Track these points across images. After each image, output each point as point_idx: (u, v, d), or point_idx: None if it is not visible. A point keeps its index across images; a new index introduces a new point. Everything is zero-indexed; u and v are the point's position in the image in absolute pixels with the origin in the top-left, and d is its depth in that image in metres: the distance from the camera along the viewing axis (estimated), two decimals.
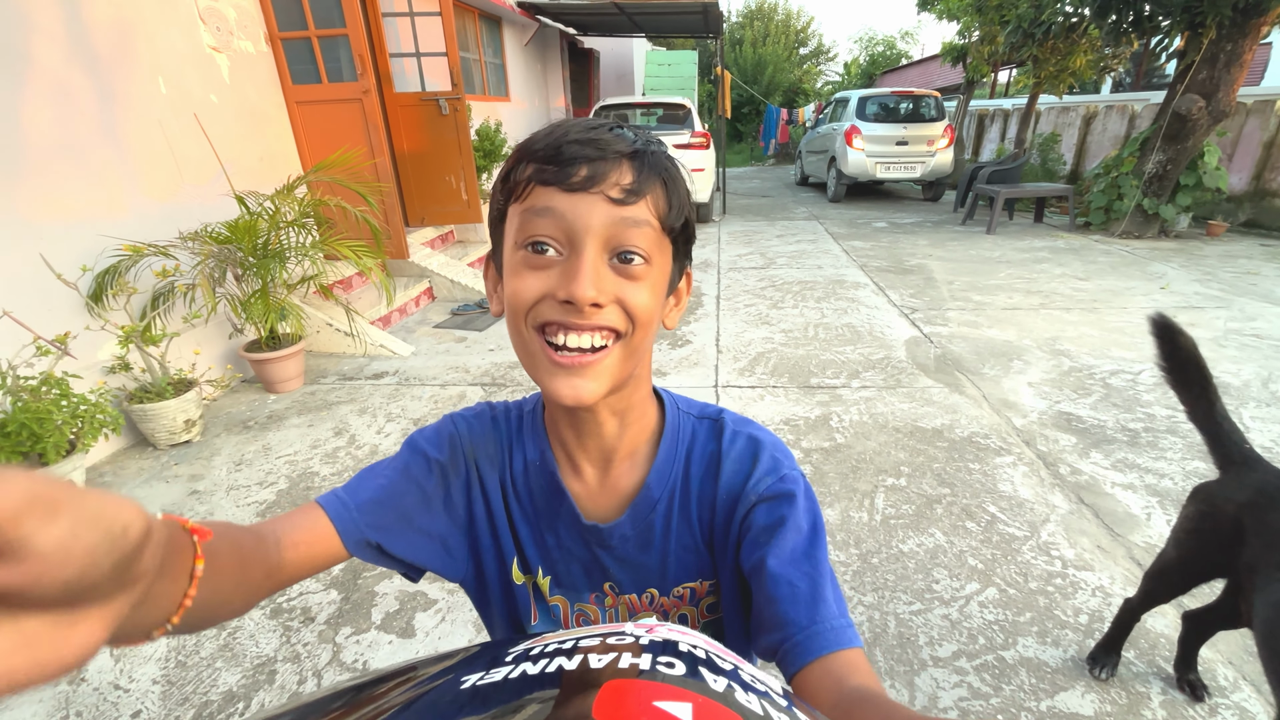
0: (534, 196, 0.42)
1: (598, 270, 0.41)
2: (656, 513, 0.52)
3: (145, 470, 2.40)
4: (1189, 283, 4.34)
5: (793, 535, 0.47)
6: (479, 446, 0.55)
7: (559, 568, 0.55)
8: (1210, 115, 5.07)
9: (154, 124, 2.77)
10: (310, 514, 0.47)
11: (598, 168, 0.41)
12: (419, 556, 0.52)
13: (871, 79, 18.55)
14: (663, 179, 0.43)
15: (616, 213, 0.41)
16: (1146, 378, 2.89)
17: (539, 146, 0.42)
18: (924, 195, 9.09)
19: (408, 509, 0.50)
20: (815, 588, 0.45)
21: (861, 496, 2.09)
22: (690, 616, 0.56)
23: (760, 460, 0.52)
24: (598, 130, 0.42)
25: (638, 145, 0.43)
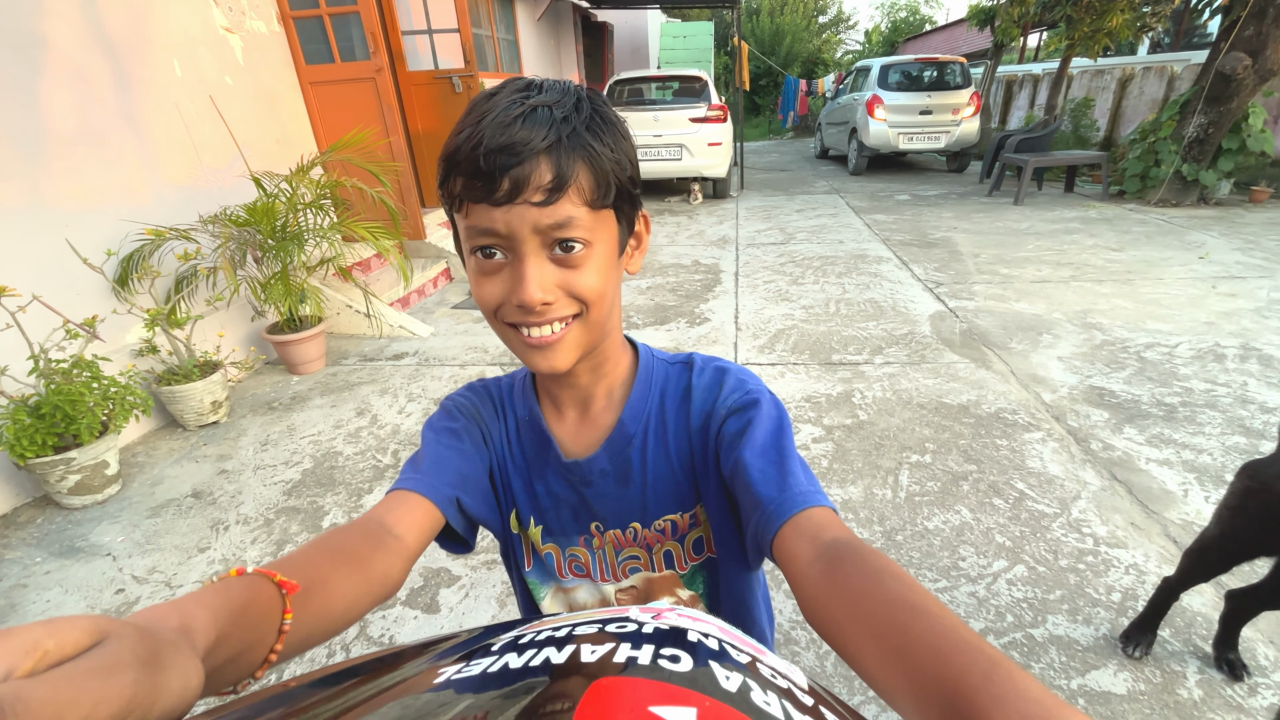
0: (469, 213, 0.44)
1: (539, 271, 0.44)
2: (633, 447, 0.57)
3: (176, 450, 2.45)
4: (1230, 251, 4.16)
5: (760, 431, 0.51)
6: (480, 409, 0.61)
7: (549, 516, 0.60)
8: (1256, 74, 4.80)
9: (170, 107, 2.78)
10: (396, 497, 0.52)
11: (517, 175, 0.41)
12: (483, 511, 0.57)
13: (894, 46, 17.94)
14: (585, 157, 0.43)
15: (543, 216, 0.43)
16: (1184, 350, 2.79)
17: (461, 158, 0.42)
18: (949, 166, 8.83)
19: (461, 466, 0.55)
20: (783, 468, 0.48)
21: (885, 473, 2.06)
22: (676, 554, 0.60)
23: (725, 383, 0.56)
24: (514, 125, 0.41)
25: (553, 134, 0.42)
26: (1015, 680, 0.25)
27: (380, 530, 0.48)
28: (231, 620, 0.32)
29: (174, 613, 0.29)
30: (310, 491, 2.14)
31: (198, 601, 0.31)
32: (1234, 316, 3.12)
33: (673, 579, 0.61)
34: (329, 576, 0.41)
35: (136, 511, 2.08)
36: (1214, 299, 3.36)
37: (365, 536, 0.46)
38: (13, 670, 0.21)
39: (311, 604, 0.39)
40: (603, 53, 10.68)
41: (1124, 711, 1.25)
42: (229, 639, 0.31)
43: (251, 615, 0.34)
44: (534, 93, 0.43)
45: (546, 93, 0.44)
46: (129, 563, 1.84)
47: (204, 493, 2.17)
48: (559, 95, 0.44)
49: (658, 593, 0.61)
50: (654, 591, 0.61)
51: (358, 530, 0.47)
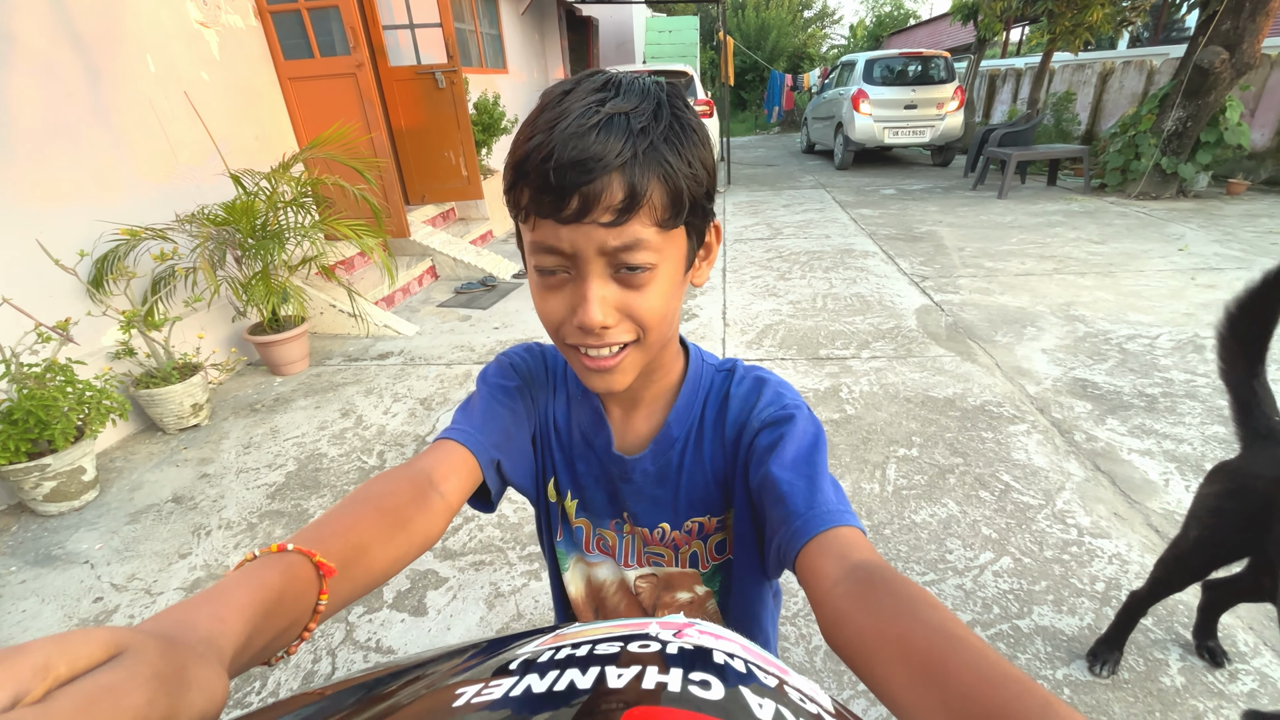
0: (535, 229, 0.42)
1: (602, 293, 0.43)
2: (674, 450, 0.57)
3: (155, 455, 2.41)
4: (1208, 244, 4.23)
5: (792, 446, 0.50)
6: (534, 374, 0.61)
7: (586, 493, 0.61)
8: (1234, 68, 4.87)
9: (145, 103, 2.72)
10: (445, 447, 0.51)
11: (588, 194, 0.39)
12: (521, 475, 0.57)
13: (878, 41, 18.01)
14: (661, 174, 0.41)
15: (612, 237, 0.41)
16: (1164, 342, 2.83)
17: (529, 168, 0.40)
18: (933, 160, 8.89)
19: (509, 427, 0.56)
20: (813, 483, 0.47)
21: (873, 468, 2.07)
22: (700, 554, 0.60)
23: (764, 394, 0.55)
24: (588, 136, 0.39)
25: (629, 148, 0.39)
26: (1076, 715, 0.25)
27: (427, 486, 0.47)
28: (265, 614, 0.31)
29: (203, 614, 0.28)
30: (294, 494, 2.11)
31: (229, 598, 0.30)
32: (1213, 308, 3.16)
33: (693, 576, 0.62)
34: (371, 542, 0.41)
35: (115, 518, 2.04)
36: (1193, 290, 3.41)
37: (412, 491, 0.46)
38: (22, 695, 0.19)
39: (351, 572, 0.38)
40: (588, 48, 10.62)
41: (1108, 700, 1.27)
42: (261, 632, 0.31)
43: (286, 602, 0.33)
44: (611, 94, 0.41)
45: (625, 95, 0.41)
46: (108, 570, 1.81)
47: (185, 497, 2.13)
48: (638, 100, 0.41)
49: (676, 585, 0.62)
50: (673, 583, 0.62)
51: (405, 483, 0.46)
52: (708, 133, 0.45)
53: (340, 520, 0.41)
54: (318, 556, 0.35)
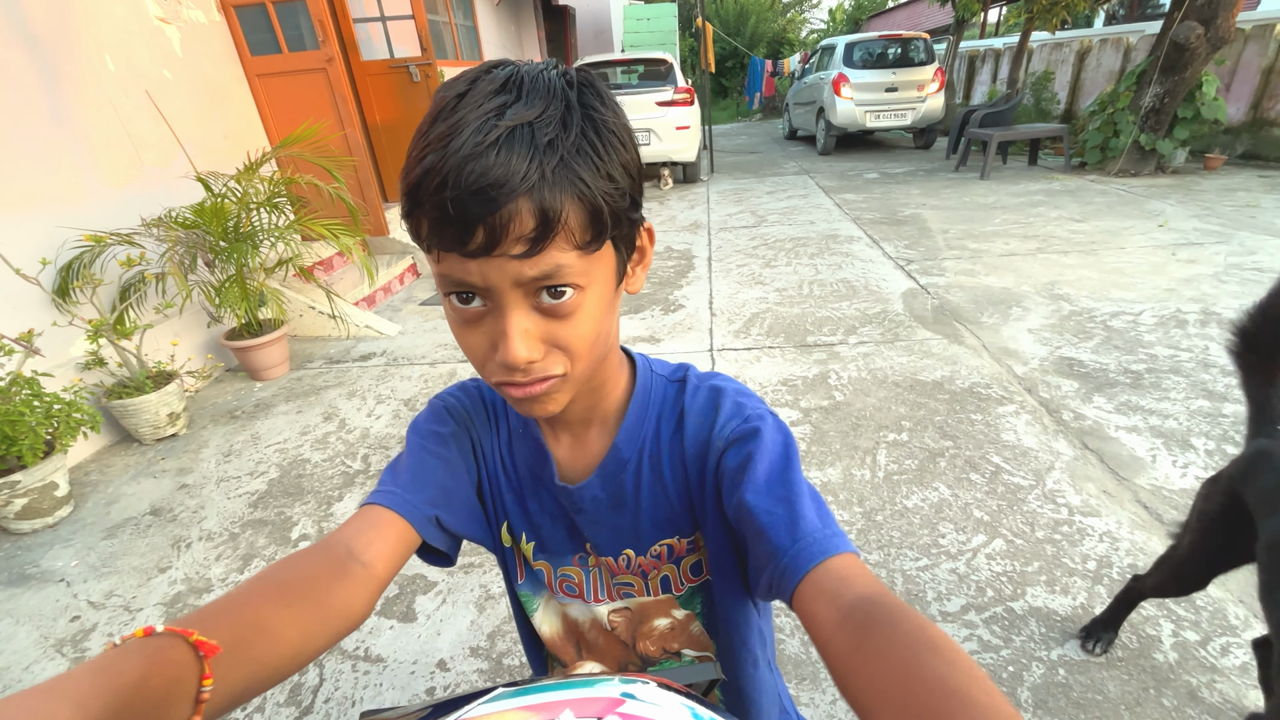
0: (441, 261, 0.38)
1: (524, 325, 0.39)
2: (627, 473, 0.53)
3: (131, 467, 2.34)
4: (1187, 219, 4.26)
5: (763, 466, 0.46)
6: (472, 415, 0.56)
7: (542, 533, 0.57)
8: (1209, 43, 4.89)
9: (105, 104, 2.62)
10: (368, 514, 0.47)
11: (494, 225, 0.35)
12: (467, 526, 0.53)
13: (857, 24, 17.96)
14: (576, 194, 0.36)
15: (527, 268, 0.37)
16: (1147, 318, 2.84)
17: (424, 195, 0.35)
18: (915, 143, 8.89)
19: (444, 480, 0.51)
20: (792, 508, 0.43)
21: (863, 454, 2.06)
22: (673, 577, 0.56)
23: (722, 408, 0.51)
24: (486, 156, 0.34)
25: (535, 168, 0.35)
26: None
27: (345, 557, 0.43)
28: (120, 706, 0.27)
29: (32, 708, 0.24)
30: (278, 502, 2.06)
31: (70, 688, 0.26)
32: (1194, 282, 3.19)
33: (668, 602, 0.58)
34: (272, 618, 0.36)
35: (91, 533, 1.98)
36: (1174, 266, 3.44)
37: (326, 565, 0.42)
38: None
39: (249, 652, 0.34)
40: (565, 37, 10.48)
41: (1103, 679, 1.27)
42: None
43: (150, 691, 0.29)
44: (511, 97, 0.36)
45: (527, 99, 0.36)
46: (84, 588, 1.75)
47: (164, 509, 2.07)
48: (542, 104, 0.36)
49: (652, 615, 0.58)
50: (648, 615, 0.58)
51: (317, 557, 0.42)
52: (628, 128, 0.41)
53: (230, 599, 0.37)
54: (195, 635, 0.31)
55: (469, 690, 0.32)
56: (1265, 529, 0.91)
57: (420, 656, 1.46)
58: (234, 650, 0.33)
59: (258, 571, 0.40)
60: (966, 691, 0.28)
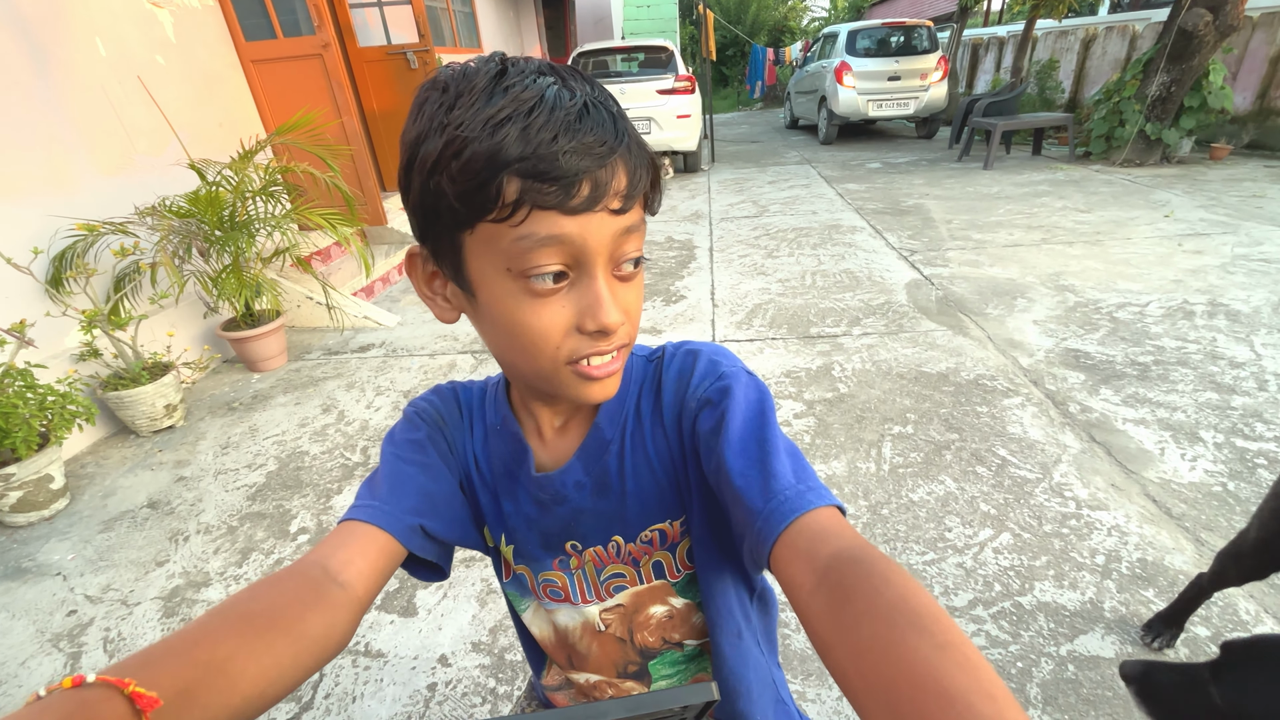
0: (531, 222, 0.36)
1: (614, 291, 0.40)
2: (610, 454, 0.51)
3: (129, 459, 2.32)
4: (1193, 209, 4.22)
5: (737, 424, 0.45)
6: (445, 417, 0.55)
7: (518, 536, 0.55)
8: (1217, 30, 4.83)
9: (96, 90, 2.57)
10: (345, 530, 0.45)
11: (598, 180, 0.36)
12: (455, 530, 0.52)
13: (860, 12, 17.77)
14: (643, 159, 0.39)
15: (620, 224, 0.38)
16: (1154, 309, 2.82)
17: (520, 155, 0.35)
18: (918, 133, 8.81)
19: (425, 485, 0.50)
20: (765, 467, 0.41)
21: (868, 446, 2.03)
22: (667, 564, 0.54)
23: (696, 368, 0.50)
24: (582, 124, 0.36)
25: (621, 133, 0.37)
26: None
27: (321, 579, 0.40)
28: None
29: None
30: (276, 495, 2.04)
31: None
32: (1201, 273, 3.16)
33: (664, 589, 0.55)
34: (232, 656, 0.33)
35: (88, 526, 1.96)
36: (1181, 257, 3.40)
37: (298, 590, 0.39)
38: None
39: (202, 697, 0.31)
40: (565, 24, 10.36)
41: (1113, 675, 1.25)
42: None
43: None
44: (555, 79, 0.37)
45: (567, 81, 0.37)
46: (81, 581, 1.73)
47: (161, 502, 2.05)
48: (585, 83, 0.38)
49: (647, 605, 0.55)
50: (643, 605, 0.55)
51: (289, 583, 0.39)
52: None
53: (182, 637, 0.33)
54: (132, 686, 0.28)
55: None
56: None
57: (421, 652, 1.45)
58: (183, 698, 0.30)
59: (218, 603, 0.37)
60: (965, 697, 0.24)
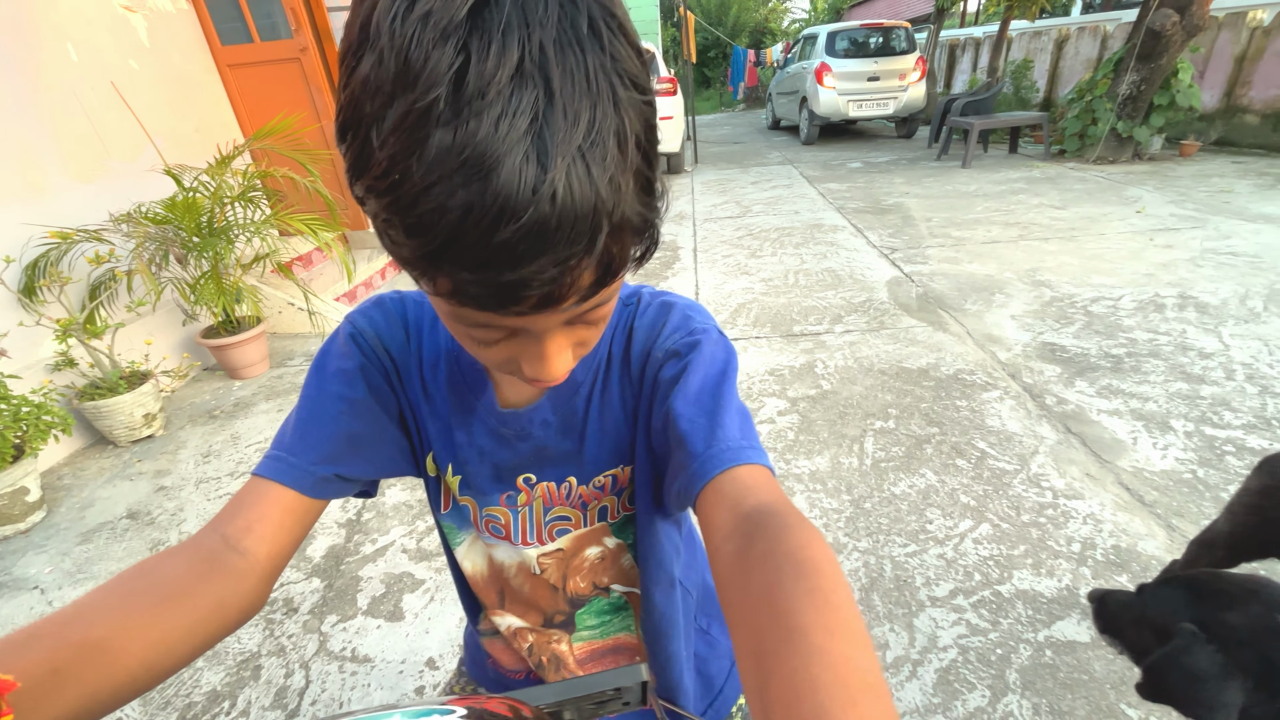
0: (465, 310, 0.31)
1: (561, 348, 0.36)
2: (580, 396, 0.50)
3: (107, 469, 2.28)
4: (1164, 205, 4.32)
5: (697, 377, 0.44)
6: (385, 336, 0.50)
7: (468, 468, 0.52)
8: (1184, 30, 4.96)
9: (68, 96, 2.53)
10: (250, 489, 0.43)
11: (551, 294, 0.29)
12: (381, 467, 0.50)
13: (839, 13, 17.96)
14: (635, 227, 0.30)
15: (579, 310, 0.33)
16: (1127, 302, 2.88)
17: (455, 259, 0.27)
18: (898, 132, 8.93)
19: (345, 429, 0.47)
20: (714, 419, 0.41)
21: (850, 442, 2.06)
22: (610, 507, 0.54)
23: (670, 320, 0.49)
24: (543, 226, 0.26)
25: (600, 225, 0.27)
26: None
27: (218, 548, 0.40)
28: None
29: None
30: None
31: None
32: (1171, 267, 3.24)
33: (602, 529, 0.55)
34: (113, 634, 0.33)
35: (65, 539, 1.93)
36: (1152, 251, 3.49)
37: (190, 562, 0.38)
38: None
39: (77, 675, 0.31)
40: None
41: (1089, 659, 1.28)
42: None
43: None
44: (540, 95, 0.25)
45: (562, 96, 0.25)
46: (59, 595, 1.71)
47: (141, 513, 2.02)
48: (588, 104, 0.26)
49: (585, 546, 0.56)
50: (581, 547, 0.56)
51: (183, 555, 0.39)
52: (643, 53, 0.31)
53: (54, 619, 0.32)
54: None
55: None
56: None
57: (409, 655, 1.44)
58: (53, 677, 0.30)
59: (103, 582, 0.36)
60: (807, 631, 0.26)
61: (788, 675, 0.25)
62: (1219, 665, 0.60)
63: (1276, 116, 5.50)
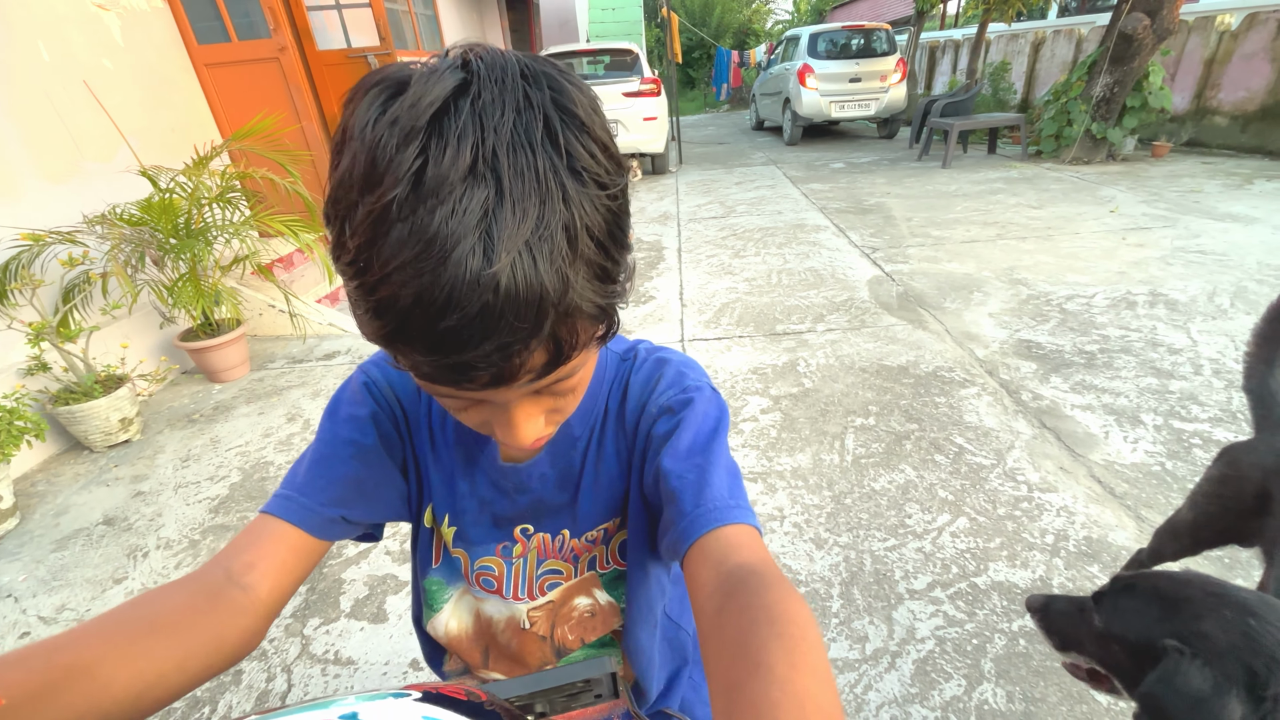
0: (428, 385, 0.34)
1: (530, 416, 0.38)
2: (576, 450, 0.52)
3: (82, 475, 2.24)
4: (1136, 204, 4.42)
5: (688, 435, 0.46)
6: (398, 386, 0.52)
7: (465, 519, 0.54)
8: (1155, 34, 5.07)
9: (40, 96, 2.49)
10: (258, 526, 0.45)
11: (502, 373, 0.31)
12: (384, 513, 0.51)
13: (822, 15, 18.11)
14: (589, 315, 0.32)
15: (536, 387, 0.35)
16: (1100, 300, 2.95)
17: (409, 340, 0.29)
18: (879, 133, 9.03)
19: (354, 473, 0.49)
20: (704, 476, 0.43)
21: (832, 439, 2.09)
22: (599, 557, 0.56)
23: (664, 377, 0.51)
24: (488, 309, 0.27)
25: (549, 308, 0.29)
26: None
27: (220, 583, 0.40)
28: None
29: None
30: (240, 506, 2.00)
31: None
32: (1142, 265, 3.32)
33: (591, 580, 0.56)
34: (101, 660, 0.33)
35: (39, 546, 1.89)
36: (1124, 250, 3.57)
37: (195, 594, 0.39)
38: None
39: (62, 698, 0.31)
40: (529, 26, 10.32)
41: None
42: None
43: None
44: (491, 191, 0.27)
45: (512, 194, 0.27)
46: (34, 602, 1.68)
47: (118, 518, 1.99)
48: (536, 200, 0.28)
49: (574, 596, 0.57)
50: (570, 598, 0.57)
51: (187, 587, 0.39)
52: (610, 138, 0.33)
53: (45, 644, 0.33)
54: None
55: None
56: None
57: (392, 657, 1.44)
58: (38, 698, 0.31)
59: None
60: (771, 665, 0.28)
61: (750, 702, 0.27)
62: (1211, 681, 0.59)
63: (1244, 118, 5.66)
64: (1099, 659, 0.74)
